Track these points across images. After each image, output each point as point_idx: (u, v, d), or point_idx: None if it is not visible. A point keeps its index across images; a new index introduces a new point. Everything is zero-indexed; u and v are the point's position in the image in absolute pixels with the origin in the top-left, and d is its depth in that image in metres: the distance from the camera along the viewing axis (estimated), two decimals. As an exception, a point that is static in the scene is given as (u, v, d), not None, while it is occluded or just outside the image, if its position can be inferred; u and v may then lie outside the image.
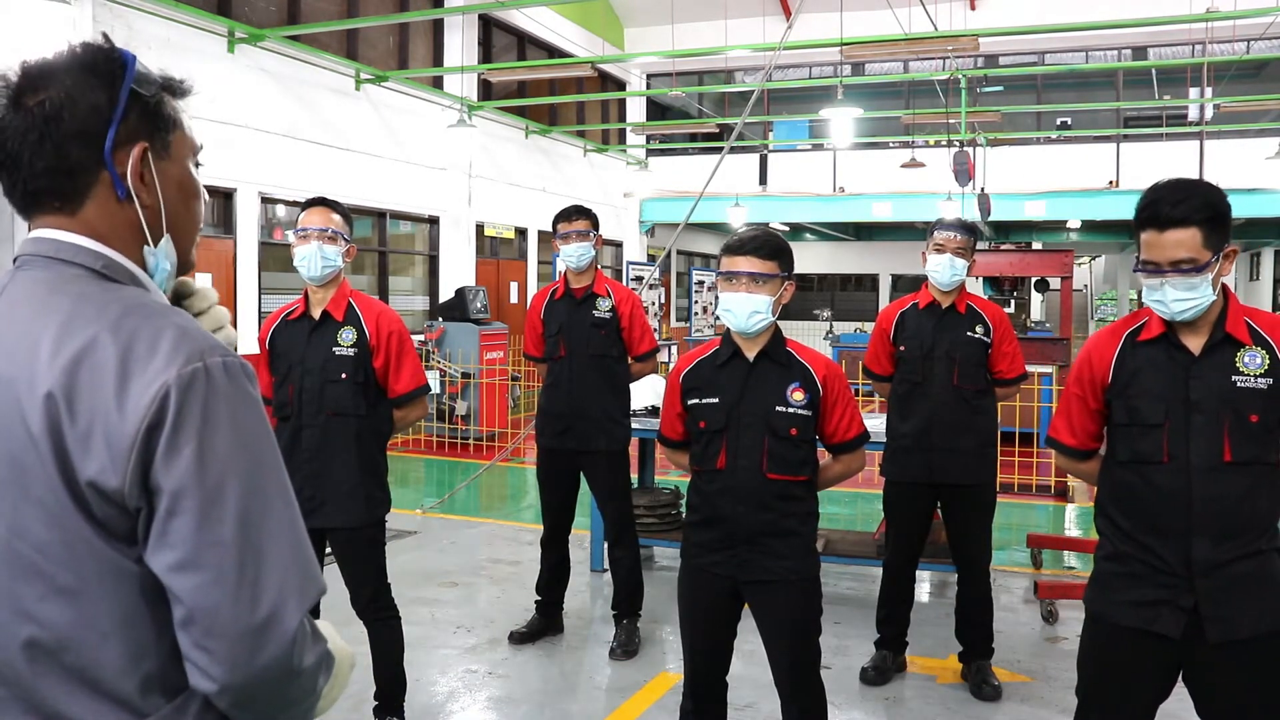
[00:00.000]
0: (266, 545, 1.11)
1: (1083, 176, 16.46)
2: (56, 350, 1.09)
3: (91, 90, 1.17)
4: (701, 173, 10.73)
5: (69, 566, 1.09)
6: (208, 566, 1.07)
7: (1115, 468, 2.42)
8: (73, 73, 1.17)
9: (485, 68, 13.53)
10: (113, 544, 1.09)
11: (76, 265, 1.17)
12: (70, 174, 1.17)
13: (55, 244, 1.18)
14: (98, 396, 1.07)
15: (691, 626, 2.97)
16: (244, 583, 1.08)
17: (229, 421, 1.11)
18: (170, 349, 1.09)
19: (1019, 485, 8.15)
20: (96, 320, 1.10)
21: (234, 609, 1.07)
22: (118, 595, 1.10)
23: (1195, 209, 2.21)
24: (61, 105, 1.16)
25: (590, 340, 4.49)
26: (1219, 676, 2.32)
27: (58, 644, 1.10)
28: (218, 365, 1.12)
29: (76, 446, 1.07)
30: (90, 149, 1.17)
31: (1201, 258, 2.22)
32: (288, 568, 1.12)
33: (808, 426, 2.86)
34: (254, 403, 1.15)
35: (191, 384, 1.08)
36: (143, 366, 1.08)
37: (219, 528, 1.08)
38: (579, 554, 5.75)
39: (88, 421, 1.07)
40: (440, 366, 10.71)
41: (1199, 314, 2.27)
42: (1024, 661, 4.48)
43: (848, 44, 10.12)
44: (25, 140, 1.16)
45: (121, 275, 1.19)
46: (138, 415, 1.06)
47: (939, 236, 4.06)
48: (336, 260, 3.37)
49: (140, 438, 1.06)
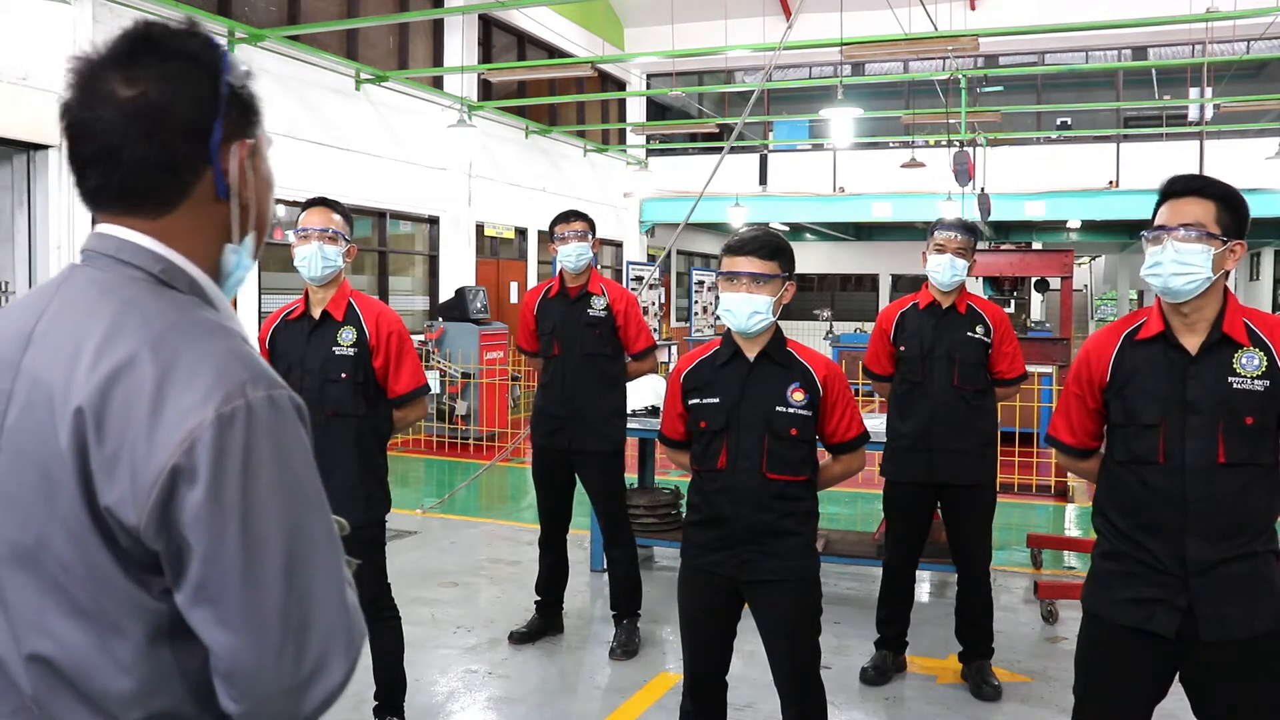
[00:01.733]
0: (312, 597, 1.03)
1: (1083, 176, 16.46)
2: (95, 362, 1.02)
3: (196, 82, 1.09)
4: (701, 173, 10.73)
5: (89, 589, 1.03)
6: (251, 626, 0.99)
7: (1112, 467, 2.43)
8: (173, 62, 1.08)
9: (485, 68, 13.53)
10: (133, 575, 1.02)
11: (134, 267, 1.10)
12: (175, 171, 1.09)
13: (118, 242, 1.11)
14: (129, 421, 0.99)
15: (691, 627, 2.97)
16: (288, 641, 1.00)
17: (273, 464, 1.02)
18: (211, 380, 1.01)
19: (1019, 485, 8.15)
20: (140, 334, 1.03)
21: (277, 667, 1.00)
22: (135, 628, 1.03)
23: (1213, 184, 2.31)
24: (169, 97, 1.07)
25: (584, 339, 4.49)
26: (1214, 676, 2.32)
27: (73, 667, 1.04)
28: (262, 401, 1.02)
29: (100, 470, 1.00)
30: (197, 145, 1.09)
31: (1210, 229, 2.25)
32: (334, 619, 1.05)
33: (808, 427, 2.87)
34: (300, 442, 1.06)
35: (231, 424, 0.99)
36: (179, 396, 1.00)
37: (262, 583, 0.99)
38: (579, 554, 5.75)
39: (115, 446, 0.99)
40: (440, 366, 10.71)
41: (1194, 292, 2.26)
42: (1024, 661, 4.48)
43: (848, 44, 10.12)
44: (127, 135, 1.06)
45: (180, 281, 1.11)
46: (166, 452, 0.98)
47: (939, 236, 4.06)
48: (337, 260, 3.37)
49: (165, 476, 0.98)
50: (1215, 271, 2.25)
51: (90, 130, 1.08)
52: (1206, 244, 2.24)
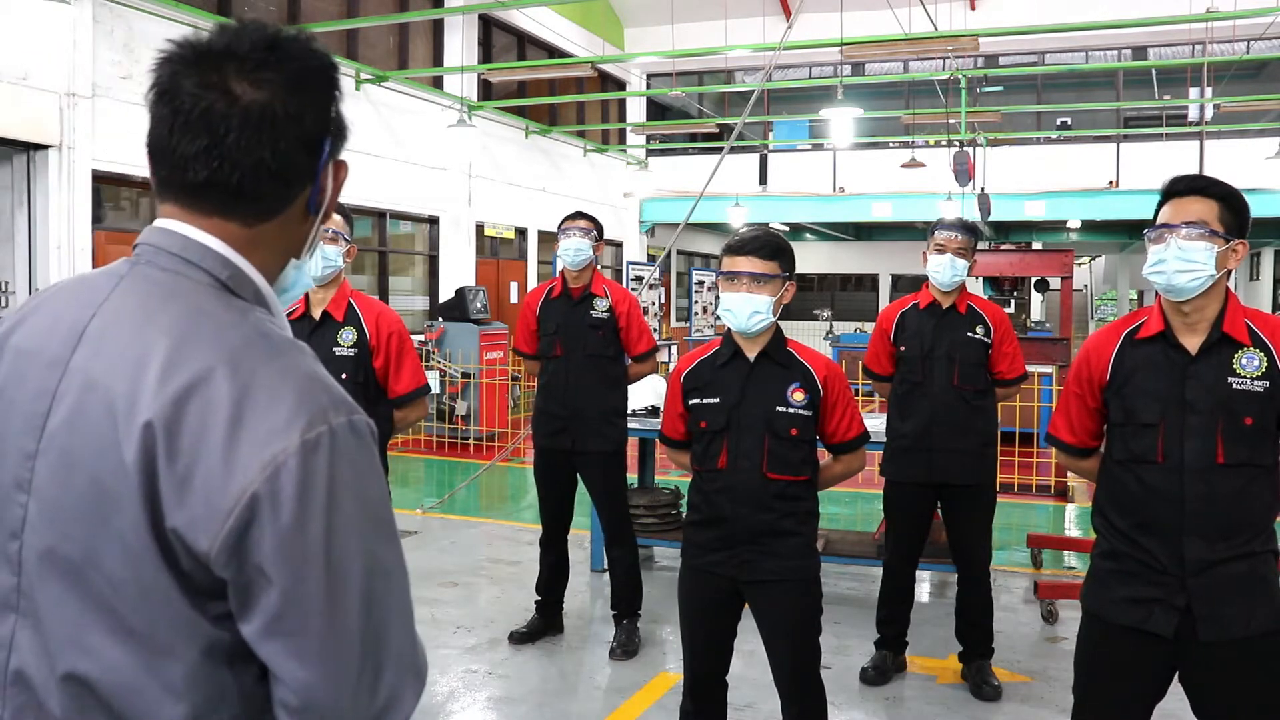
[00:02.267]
0: (388, 630, 1.00)
1: (1083, 176, 16.46)
2: (165, 375, 0.96)
3: (318, 94, 1.07)
4: (701, 173, 10.73)
5: (140, 609, 0.97)
6: (328, 660, 0.96)
7: (1112, 466, 2.43)
8: (301, 70, 1.06)
9: (485, 68, 13.53)
10: (192, 599, 0.97)
11: (201, 270, 1.05)
12: (288, 182, 1.06)
13: (183, 241, 1.05)
14: (204, 441, 0.94)
15: (691, 627, 2.98)
16: (364, 675, 0.98)
17: (354, 494, 0.98)
18: (294, 404, 0.96)
19: (1019, 485, 8.15)
20: (214, 346, 0.98)
21: (353, 704, 0.97)
22: (187, 652, 0.98)
23: (1215, 184, 2.32)
24: (301, 109, 1.05)
25: (587, 340, 4.49)
26: (1213, 676, 2.32)
27: (112, 688, 0.99)
28: (344, 427, 0.99)
29: (169, 489, 0.95)
30: (312, 158, 1.07)
31: (1213, 226, 2.25)
32: (406, 651, 1.03)
33: (808, 427, 2.87)
34: (376, 470, 1.03)
35: (316, 452, 0.95)
36: (260, 419, 0.95)
37: (344, 618, 0.96)
38: (579, 554, 5.75)
39: (187, 465, 0.94)
40: (440, 366, 10.71)
41: (1196, 290, 2.26)
42: (1024, 661, 4.48)
43: (848, 44, 10.12)
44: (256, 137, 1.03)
45: (245, 290, 1.07)
46: (246, 477, 0.93)
47: (939, 237, 4.06)
48: (337, 260, 3.37)
49: (244, 504, 0.93)
50: (1218, 270, 2.25)
51: (208, 124, 1.03)
52: (1210, 242, 2.24)
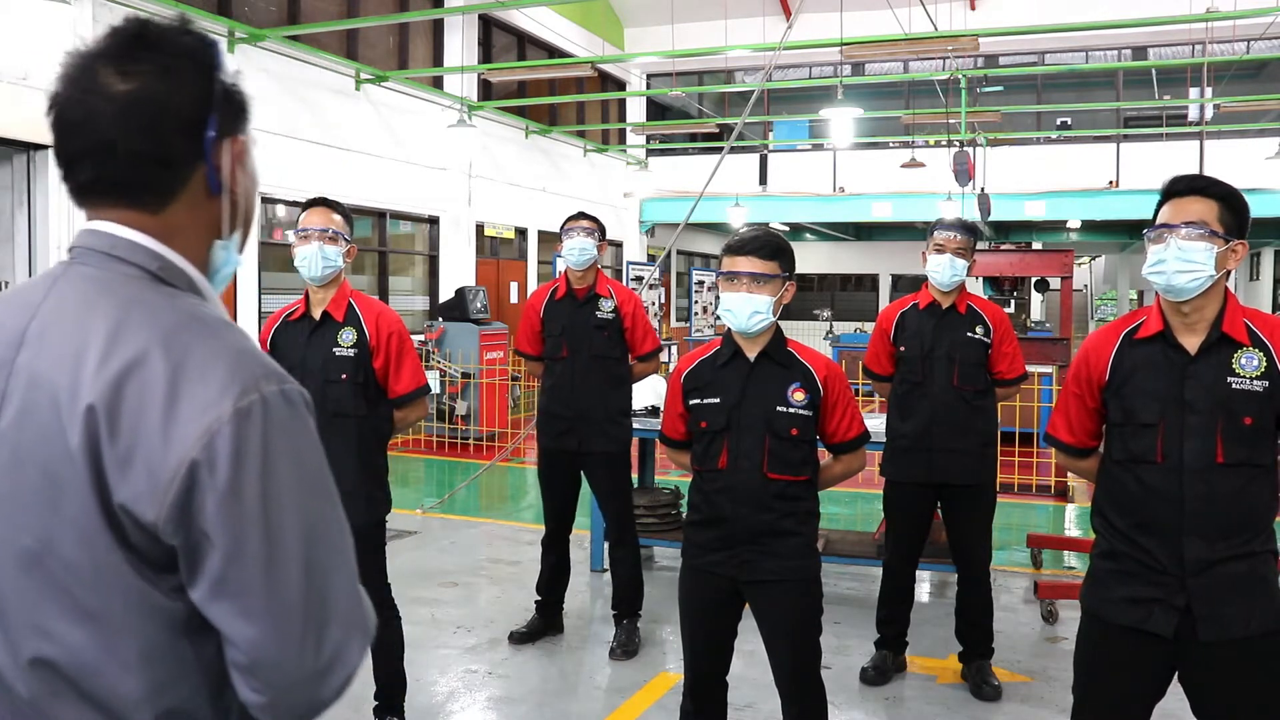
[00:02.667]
0: (330, 587, 1.05)
1: (1083, 176, 16.46)
2: (103, 360, 1.01)
3: (192, 77, 1.09)
4: (701, 173, 10.73)
5: (94, 589, 1.02)
6: (272, 616, 1.01)
7: (1111, 466, 2.43)
8: (169, 58, 1.08)
9: (485, 68, 13.53)
10: (144, 574, 1.02)
11: (131, 265, 1.09)
12: (170, 165, 1.09)
13: (112, 239, 1.09)
14: (143, 418, 0.99)
15: (692, 627, 2.98)
16: (309, 630, 1.02)
17: (289, 457, 1.03)
18: (226, 376, 1.01)
19: (1019, 485, 8.15)
20: (148, 331, 1.02)
21: (299, 658, 1.02)
22: (142, 626, 1.03)
23: (1215, 184, 2.31)
24: (168, 92, 1.07)
25: (592, 341, 4.49)
26: (1213, 676, 2.32)
27: (77, 669, 1.04)
28: (276, 395, 1.04)
29: (114, 467, 1.00)
30: (193, 140, 1.10)
31: (1213, 227, 2.25)
32: (351, 607, 1.07)
33: (808, 426, 2.87)
34: (312, 435, 1.08)
35: (248, 419, 1.00)
36: (194, 392, 1.00)
37: (285, 575, 1.01)
38: (579, 554, 5.75)
39: (129, 443, 0.99)
40: (440, 366, 10.71)
41: (1196, 290, 2.26)
42: (1024, 661, 4.48)
43: (848, 44, 10.12)
44: (123, 127, 1.06)
45: (178, 279, 1.11)
46: (184, 447, 0.98)
47: (939, 236, 4.06)
48: (337, 260, 3.37)
49: (184, 472, 0.98)
50: (1217, 270, 2.25)
51: (83, 123, 1.07)
52: (1210, 242, 2.24)
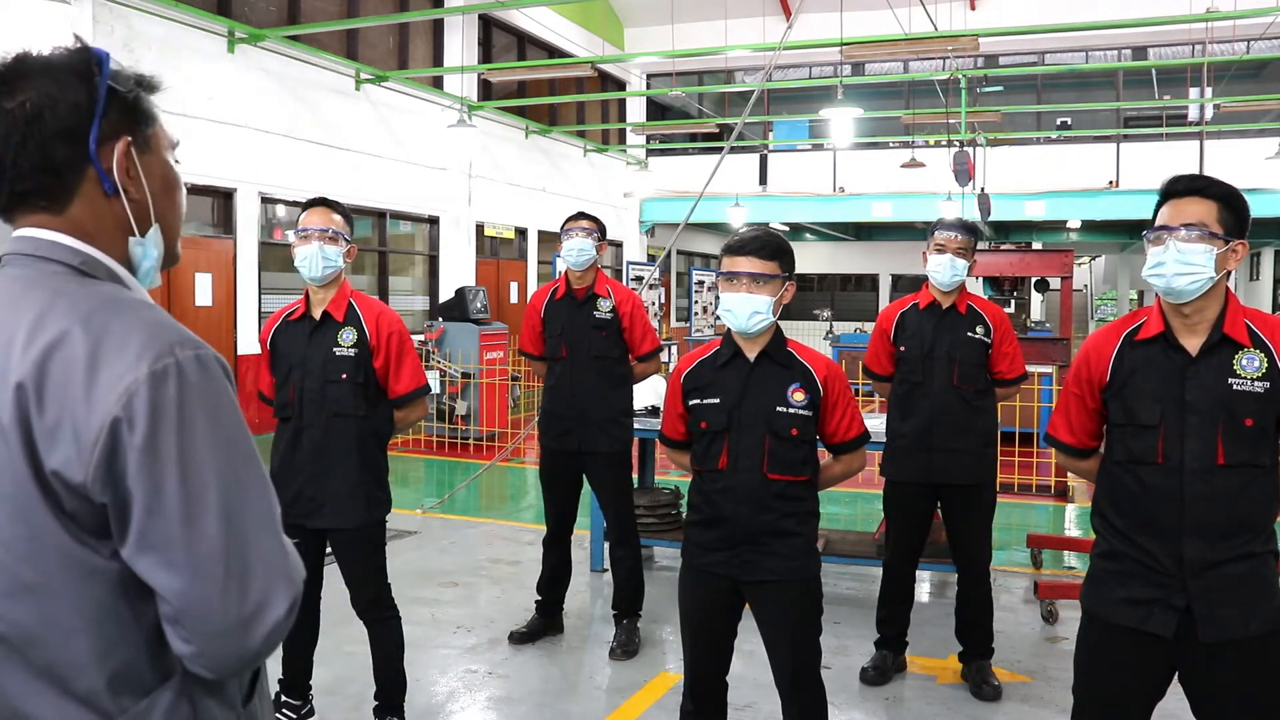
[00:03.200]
0: (251, 537, 1.11)
1: (1083, 176, 16.47)
2: (29, 342, 1.09)
3: (70, 88, 1.17)
4: (701, 173, 10.73)
5: (33, 562, 1.09)
6: (194, 566, 1.07)
7: (1111, 467, 2.43)
8: (49, 72, 1.17)
9: (485, 68, 13.53)
10: (81, 539, 1.09)
11: (55, 262, 1.18)
12: (56, 173, 1.18)
13: (35, 242, 1.19)
14: (67, 389, 1.07)
15: (692, 627, 2.97)
16: (231, 578, 1.09)
17: (205, 416, 1.11)
18: (141, 344, 1.09)
19: (1019, 485, 8.15)
20: (70, 314, 1.11)
21: (223, 605, 1.08)
22: (84, 591, 1.10)
23: (1214, 184, 2.30)
24: (42, 105, 1.16)
25: (592, 342, 4.49)
26: (1213, 676, 2.32)
27: (23, 640, 1.10)
28: (190, 359, 1.11)
29: (44, 437, 1.07)
30: (75, 146, 1.18)
31: (1212, 228, 2.25)
32: (273, 558, 1.13)
33: (808, 427, 2.86)
34: (227, 394, 1.15)
35: (164, 380, 1.08)
36: (112, 360, 1.08)
37: (203, 526, 1.08)
38: (579, 554, 5.75)
39: (56, 413, 1.07)
40: (440, 366, 10.71)
41: (1196, 292, 2.26)
42: (1024, 661, 4.48)
43: (848, 44, 10.12)
44: (8, 142, 1.16)
45: (99, 271, 1.20)
46: (105, 409, 1.06)
47: (940, 236, 4.06)
48: (337, 260, 3.37)
49: (106, 432, 1.06)
50: (1218, 271, 2.25)
51: None
52: (1209, 243, 2.24)
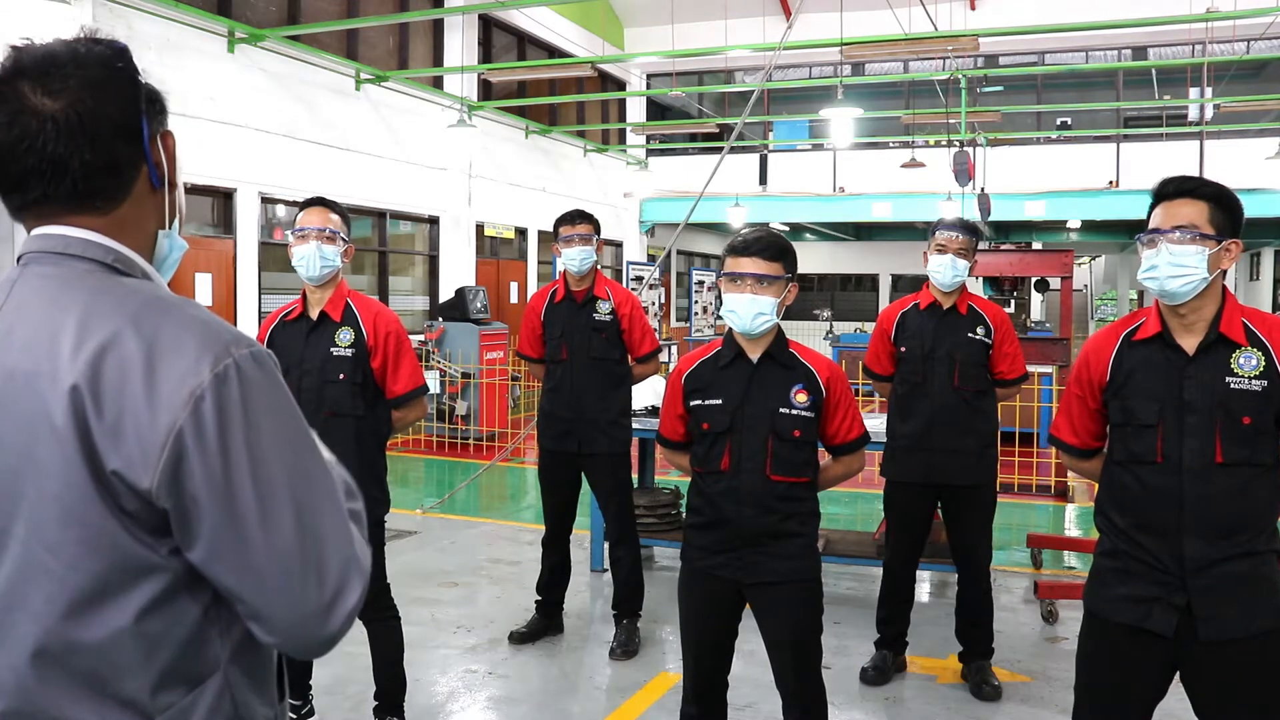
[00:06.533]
0: (323, 528, 1.11)
1: (1083, 176, 16.46)
2: (78, 344, 1.07)
3: (119, 84, 1.16)
4: (701, 173, 10.72)
5: (80, 567, 1.07)
6: (274, 568, 1.08)
7: (1112, 466, 2.44)
8: (92, 69, 1.15)
9: (485, 68, 13.53)
10: (139, 537, 1.08)
11: (87, 260, 1.15)
12: (119, 171, 1.17)
13: (64, 239, 1.16)
14: (125, 390, 1.05)
15: (692, 628, 2.97)
16: (309, 570, 1.09)
17: (268, 414, 1.10)
18: (198, 345, 1.08)
19: (1019, 485, 8.15)
20: (117, 314, 1.09)
21: (303, 598, 1.09)
22: (136, 591, 1.09)
23: (1205, 185, 2.32)
24: (103, 104, 1.14)
25: (591, 343, 4.49)
26: (1213, 675, 2.32)
27: (65, 648, 1.08)
28: (246, 358, 1.10)
29: (104, 438, 1.05)
30: (133, 144, 1.17)
31: (1204, 229, 2.25)
32: (345, 545, 1.13)
33: (811, 428, 2.86)
34: (282, 388, 1.15)
35: (226, 382, 1.07)
36: (170, 363, 1.06)
37: (279, 526, 1.08)
38: (579, 554, 5.75)
39: (115, 414, 1.05)
40: (440, 366, 10.71)
41: (1190, 294, 2.26)
42: (1024, 661, 4.47)
43: (848, 44, 10.12)
44: (71, 144, 1.12)
45: (132, 269, 1.18)
46: (170, 416, 1.05)
47: (941, 237, 4.05)
48: (335, 260, 3.37)
49: (173, 439, 1.04)
50: (1211, 271, 2.26)
51: (24, 146, 1.12)
52: (1201, 245, 2.24)
